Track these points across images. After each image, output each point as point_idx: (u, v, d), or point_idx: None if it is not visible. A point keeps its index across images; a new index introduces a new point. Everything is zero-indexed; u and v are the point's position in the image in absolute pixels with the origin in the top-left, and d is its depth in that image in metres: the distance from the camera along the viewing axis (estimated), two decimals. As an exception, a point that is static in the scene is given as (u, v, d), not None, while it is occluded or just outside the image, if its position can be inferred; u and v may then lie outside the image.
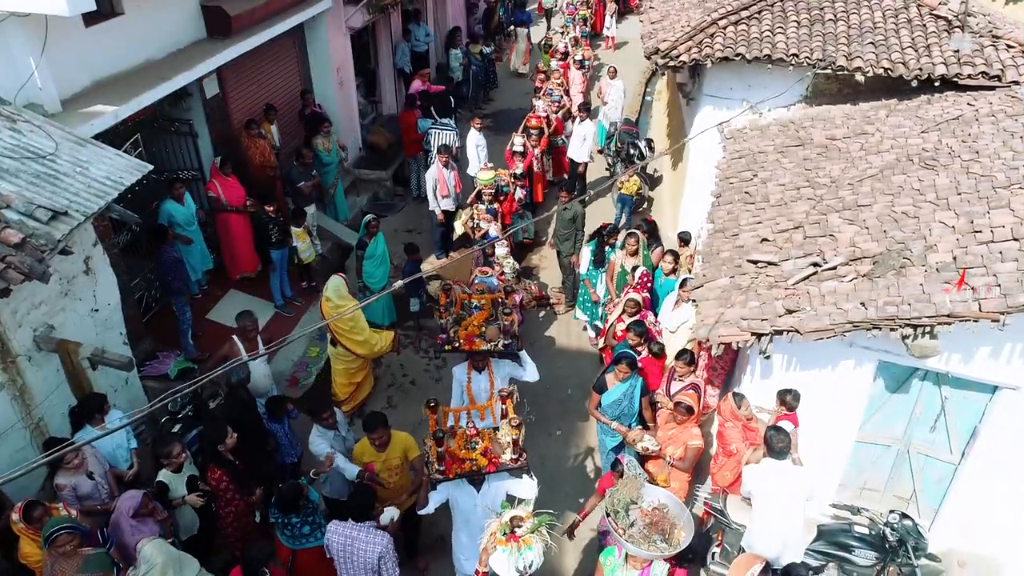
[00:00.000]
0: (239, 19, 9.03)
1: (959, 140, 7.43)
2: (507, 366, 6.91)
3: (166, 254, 7.98)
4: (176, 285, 8.09)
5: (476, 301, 7.28)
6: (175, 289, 8.11)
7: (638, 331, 7.10)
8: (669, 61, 9.66)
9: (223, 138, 9.68)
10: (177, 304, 8.30)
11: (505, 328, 6.84)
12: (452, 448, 5.68)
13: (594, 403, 6.77)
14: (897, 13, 9.48)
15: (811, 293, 5.89)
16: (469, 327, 6.95)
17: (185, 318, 8.37)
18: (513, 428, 5.66)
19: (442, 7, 17.07)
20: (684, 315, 7.68)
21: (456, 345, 6.87)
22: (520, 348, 6.89)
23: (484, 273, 8.19)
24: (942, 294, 5.23)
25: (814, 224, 6.92)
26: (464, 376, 6.85)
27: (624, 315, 7.37)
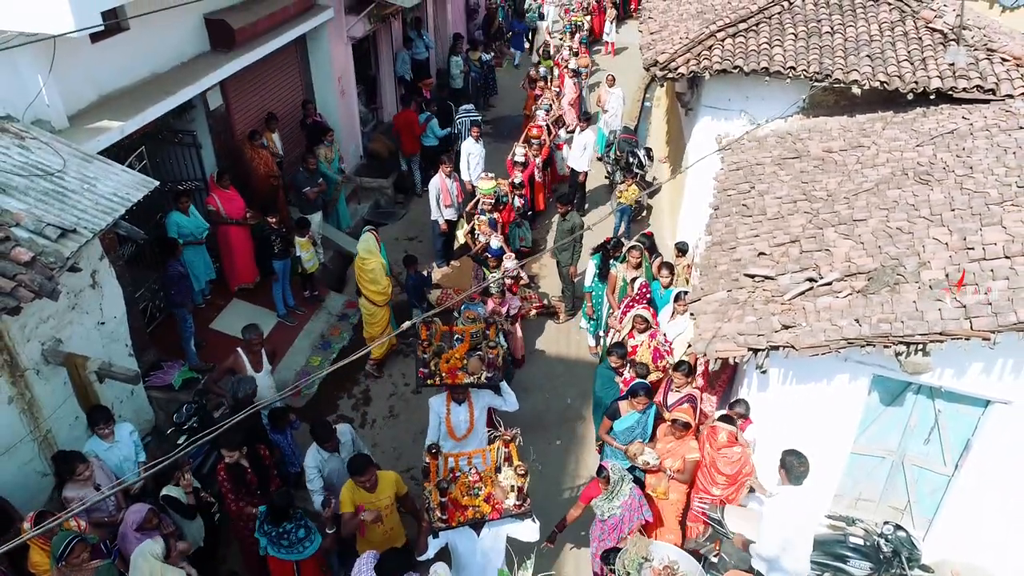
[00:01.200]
0: (242, 32, 9.14)
1: (953, 155, 7.53)
2: (486, 396, 6.72)
3: (172, 268, 8.07)
4: (179, 299, 8.20)
5: (458, 333, 7.09)
6: (178, 303, 8.22)
7: (619, 353, 7.04)
8: (668, 73, 9.77)
9: (226, 149, 9.78)
10: (179, 315, 8.40)
11: (489, 361, 6.63)
12: (454, 494, 5.68)
13: (605, 428, 6.74)
14: (893, 26, 9.59)
15: (807, 308, 5.99)
16: (451, 360, 6.68)
17: (187, 327, 8.46)
18: (519, 476, 5.66)
19: (443, 14, 17.17)
20: (680, 326, 7.78)
21: (438, 380, 6.56)
22: (501, 379, 6.67)
23: (473, 301, 8.02)
24: (935, 311, 5.33)
25: (810, 238, 7.02)
26: (443, 408, 6.63)
27: (634, 331, 7.43)
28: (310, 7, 10.96)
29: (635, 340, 7.37)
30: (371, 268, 8.70)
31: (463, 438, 6.59)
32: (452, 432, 6.63)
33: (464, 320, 7.34)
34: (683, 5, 11.96)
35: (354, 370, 9.25)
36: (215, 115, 9.43)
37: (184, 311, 8.35)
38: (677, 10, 11.86)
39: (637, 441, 6.36)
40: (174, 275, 8.09)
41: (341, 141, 12.26)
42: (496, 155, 14.75)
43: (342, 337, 9.71)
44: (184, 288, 8.25)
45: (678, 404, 6.70)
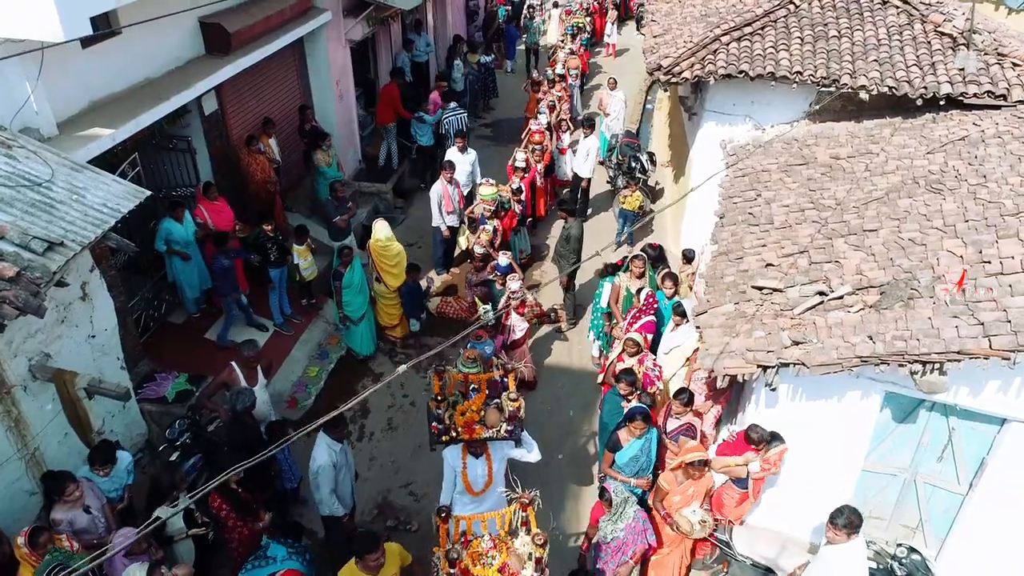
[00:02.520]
0: (238, 35, 8.95)
1: (965, 163, 7.36)
2: (505, 447, 6.15)
3: (216, 262, 8.30)
4: (225, 290, 8.50)
5: (473, 382, 6.48)
6: (223, 293, 8.56)
7: (629, 380, 6.65)
8: (671, 78, 9.60)
9: (222, 155, 9.60)
10: (225, 304, 8.76)
11: (510, 414, 6.05)
12: (465, 563, 5.30)
13: (608, 462, 6.45)
14: (901, 30, 9.42)
15: (817, 324, 5.81)
16: (467, 412, 6.11)
17: (232, 315, 8.79)
18: (538, 546, 5.32)
19: (442, 16, 16.99)
20: (678, 339, 7.57)
21: (454, 435, 5.98)
22: (522, 431, 6.11)
23: (478, 339, 7.36)
24: (951, 329, 5.16)
25: (819, 249, 6.84)
26: (458, 461, 6.04)
27: (624, 354, 7.19)
28: (307, 10, 10.78)
29: (624, 364, 7.09)
30: (395, 252, 8.95)
31: (481, 493, 6.10)
32: (469, 487, 6.09)
33: (464, 362, 6.70)
34: (686, 8, 11.79)
35: (352, 382, 9.07)
36: (210, 120, 9.25)
37: (229, 303, 8.66)
38: (680, 13, 11.68)
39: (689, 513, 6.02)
40: (218, 268, 8.32)
41: (339, 145, 12.10)
42: (497, 159, 14.57)
43: (340, 347, 9.52)
44: (229, 281, 8.46)
45: (677, 431, 6.53)
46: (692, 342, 7.38)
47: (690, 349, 7.43)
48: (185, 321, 9.06)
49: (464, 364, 6.63)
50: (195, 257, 8.49)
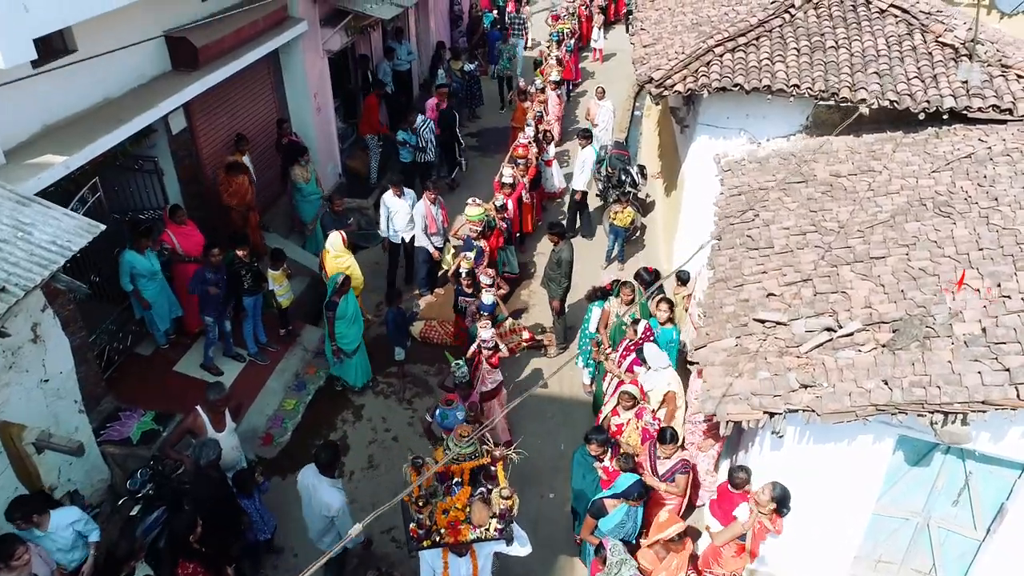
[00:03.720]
0: (207, 50, 8.47)
1: (974, 183, 7.01)
2: (492, 543, 5.52)
3: (197, 274, 7.85)
4: (209, 310, 8.02)
5: (456, 475, 5.67)
6: (207, 312, 8.08)
7: (599, 439, 6.13)
8: (664, 91, 9.19)
9: (191, 175, 9.11)
10: (206, 325, 8.29)
11: (501, 512, 5.36)
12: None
13: (588, 528, 5.93)
14: (901, 40, 9.06)
15: (827, 364, 5.42)
16: (450, 511, 5.40)
17: (211, 337, 8.34)
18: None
19: (425, 22, 16.52)
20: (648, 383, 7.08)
21: (437, 539, 5.32)
22: (512, 530, 5.45)
23: (448, 404, 6.51)
24: (974, 375, 4.78)
25: (824, 278, 6.46)
26: (438, 562, 5.48)
27: (619, 408, 6.69)
28: (282, 20, 10.29)
29: (619, 418, 6.57)
30: (347, 265, 8.69)
31: None
32: None
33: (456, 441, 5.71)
34: (677, 16, 11.40)
35: (331, 415, 8.60)
36: (179, 139, 8.76)
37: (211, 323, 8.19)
38: (671, 21, 11.29)
39: None
40: (198, 277, 7.84)
41: (318, 159, 11.62)
42: (483, 169, 14.15)
43: (318, 376, 9.05)
44: (209, 298, 7.96)
45: (671, 472, 6.11)
46: (662, 387, 6.98)
47: (660, 393, 7.02)
48: (153, 352, 8.56)
49: (456, 443, 5.79)
50: (162, 287, 7.97)
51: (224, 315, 8.27)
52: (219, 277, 7.87)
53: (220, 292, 7.89)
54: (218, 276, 7.85)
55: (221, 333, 8.38)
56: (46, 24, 5.77)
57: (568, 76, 17.38)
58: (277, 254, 8.61)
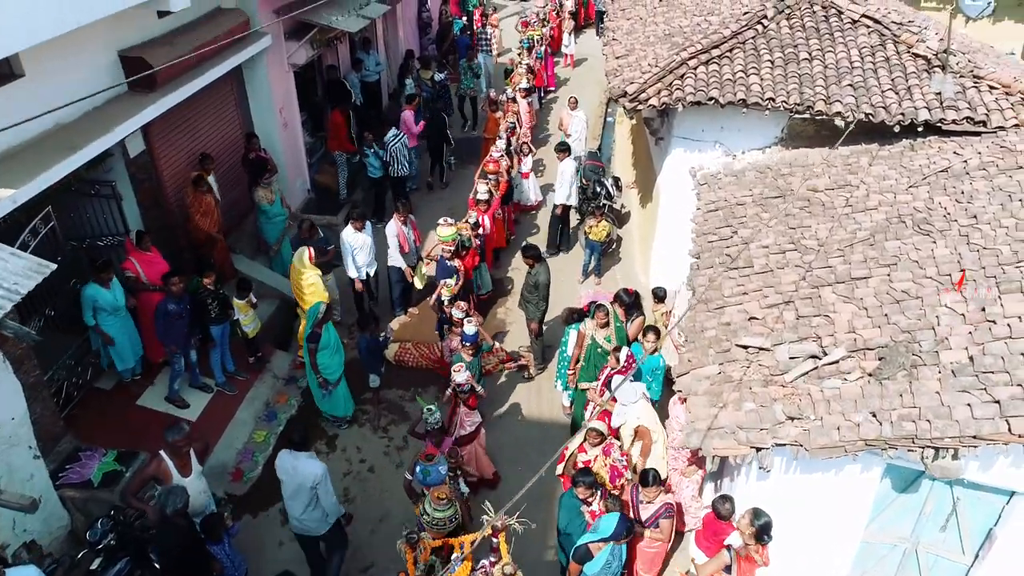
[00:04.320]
0: (165, 70, 8.10)
1: (952, 199, 6.95)
2: None
3: (161, 305, 7.49)
4: (171, 340, 7.68)
5: (456, 547, 5.43)
6: (170, 343, 7.75)
7: (587, 481, 5.88)
8: (638, 105, 9.04)
9: (152, 199, 8.75)
10: (170, 356, 7.94)
11: None
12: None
13: (574, 573, 5.74)
14: (874, 51, 9.01)
15: (813, 395, 5.29)
16: None
17: (177, 369, 7.98)
18: None
19: (393, 31, 16.22)
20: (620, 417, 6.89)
21: None
22: None
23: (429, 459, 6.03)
24: (963, 407, 4.68)
25: (806, 300, 6.35)
26: None
27: (586, 444, 6.47)
28: (245, 35, 9.93)
29: (586, 455, 6.37)
30: (311, 282, 8.62)
31: None
32: None
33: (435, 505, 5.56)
34: (649, 26, 11.27)
35: (304, 444, 8.30)
36: (137, 163, 8.40)
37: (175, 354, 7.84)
38: (643, 32, 11.15)
39: None
40: (161, 312, 7.51)
41: (286, 175, 11.31)
42: (455, 181, 13.92)
43: (290, 404, 8.76)
44: (173, 328, 7.63)
45: (655, 519, 5.93)
46: (632, 421, 6.82)
47: (631, 428, 6.86)
48: (114, 386, 8.20)
49: (436, 507, 5.55)
50: (125, 322, 7.61)
51: (189, 345, 7.95)
52: (182, 307, 7.55)
53: (184, 322, 7.57)
54: (180, 306, 7.54)
55: (187, 363, 8.04)
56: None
57: (541, 83, 17.23)
58: (243, 283, 8.30)
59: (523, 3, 26.30)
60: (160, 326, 7.55)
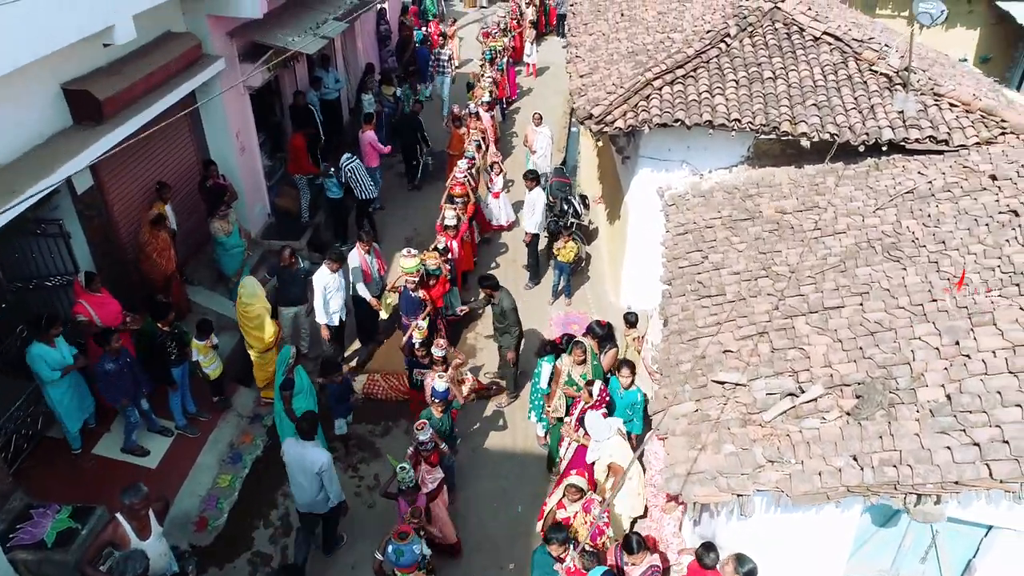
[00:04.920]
0: (112, 102, 7.76)
1: (919, 223, 6.96)
2: None
3: (99, 365, 7.12)
4: (115, 397, 7.30)
5: None
6: (114, 400, 7.36)
7: (560, 538, 5.69)
8: (604, 127, 8.93)
9: (103, 235, 8.37)
10: (121, 411, 7.58)
11: None
12: None
13: None
14: (836, 69, 9.04)
15: (792, 436, 5.22)
16: None
17: (132, 422, 7.61)
18: None
19: (352, 46, 15.89)
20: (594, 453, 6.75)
21: None
22: None
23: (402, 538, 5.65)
24: (943, 451, 4.64)
25: (780, 331, 6.29)
26: None
27: (565, 500, 6.24)
28: (197, 59, 9.59)
29: (566, 511, 6.16)
30: (255, 315, 8.31)
31: None
32: None
33: None
34: (612, 43, 11.17)
35: (271, 488, 8.02)
36: (85, 199, 8.02)
37: (125, 407, 7.46)
38: (606, 49, 11.05)
39: None
40: (100, 372, 7.14)
41: (245, 201, 10.96)
42: (418, 198, 13.69)
43: (255, 444, 8.45)
44: (119, 387, 7.26)
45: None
46: (605, 458, 6.70)
47: (605, 464, 6.74)
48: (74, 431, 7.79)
49: None
50: (73, 382, 7.21)
51: (139, 395, 7.58)
52: (121, 362, 7.18)
53: (129, 375, 7.23)
54: (120, 362, 7.16)
55: (141, 413, 7.69)
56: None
57: (503, 95, 17.06)
58: (203, 325, 7.94)
59: (483, 10, 26.16)
60: (102, 386, 7.16)
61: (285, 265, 8.92)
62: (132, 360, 7.37)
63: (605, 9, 12.89)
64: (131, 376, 7.32)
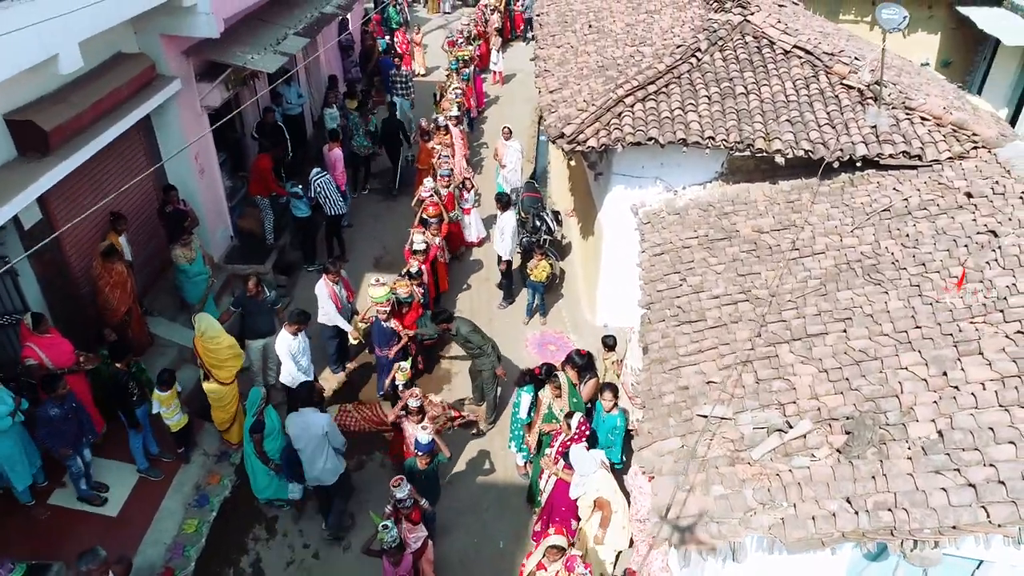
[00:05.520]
0: (59, 132, 7.35)
1: (898, 243, 6.89)
2: None
3: (41, 411, 6.68)
4: (56, 445, 6.79)
5: None
6: (54, 448, 6.85)
7: None
8: (576, 146, 8.75)
9: (54, 271, 7.96)
10: (61, 458, 7.02)
11: None
12: None
13: None
14: (808, 83, 8.96)
15: (783, 476, 5.07)
16: None
17: (76, 472, 7.17)
18: None
19: (315, 59, 15.49)
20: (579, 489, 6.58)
21: None
22: None
23: None
24: (939, 493, 4.53)
25: (764, 360, 6.16)
26: None
27: (545, 560, 5.91)
28: (151, 81, 9.19)
29: (547, 572, 5.87)
30: (227, 345, 7.93)
31: None
32: None
33: None
34: (580, 56, 10.99)
35: (240, 532, 7.68)
36: (33, 234, 7.59)
37: (68, 457, 6.98)
38: (575, 62, 10.86)
39: None
40: (43, 417, 6.68)
41: (207, 226, 10.56)
42: (387, 214, 13.38)
43: (223, 485, 8.10)
44: (60, 434, 6.77)
45: None
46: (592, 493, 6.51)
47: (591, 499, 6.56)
48: (23, 488, 7.36)
49: None
50: (17, 437, 6.74)
51: (82, 444, 7.09)
52: (67, 408, 6.74)
53: (74, 422, 6.80)
54: (66, 407, 6.73)
55: (84, 463, 7.21)
56: None
57: (470, 105, 16.80)
58: (165, 376, 7.45)
59: (447, 16, 25.85)
60: (44, 432, 6.71)
61: (251, 295, 8.56)
62: (78, 405, 6.93)
63: (572, 20, 12.71)
64: (76, 422, 6.87)
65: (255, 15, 10.92)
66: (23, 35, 6.00)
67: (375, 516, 6.32)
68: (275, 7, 11.48)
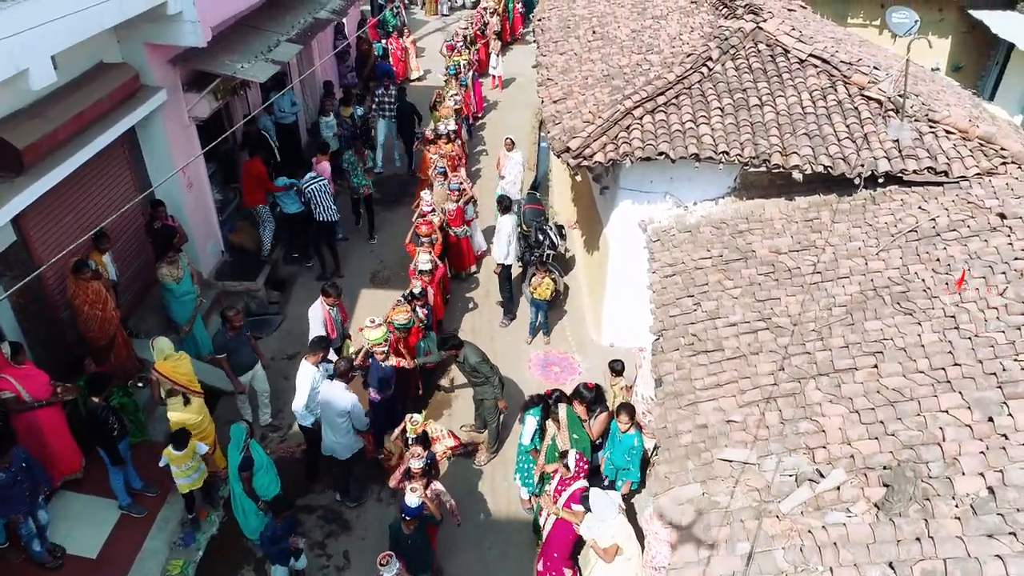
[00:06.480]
0: (34, 149, 6.91)
1: (928, 269, 6.47)
2: None
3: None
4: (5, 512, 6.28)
5: None
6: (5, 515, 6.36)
7: None
8: (583, 161, 8.32)
9: (31, 296, 7.51)
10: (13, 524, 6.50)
11: None
12: None
13: None
14: (825, 94, 8.54)
15: (815, 534, 4.64)
16: None
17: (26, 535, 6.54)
18: None
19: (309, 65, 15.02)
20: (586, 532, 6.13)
21: None
22: None
23: None
24: (994, 560, 4.09)
25: (788, 397, 5.74)
26: None
27: None
28: (136, 92, 8.74)
29: None
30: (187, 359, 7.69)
31: None
32: None
33: None
34: (585, 64, 10.56)
35: (229, 571, 7.24)
36: (8, 258, 7.16)
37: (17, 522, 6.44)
38: (580, 71, 10.43)
39: None
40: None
41: (196, 241, 10.11)
42: (386, 227, 12.91)
43: (210, 521, 7.65)
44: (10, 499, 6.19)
45: None
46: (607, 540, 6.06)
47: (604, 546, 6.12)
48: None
49: None
50: None
51: (36, 505, 6.50)
52: (16, 469, 6.13)
53: (24, 485, 6.21)
54: (14, 469, 6.11)
55: (37, 526, 6.59)
56: None
57: (469, 111, 16.36)
58: (180, 436, 6.89)
59: (444, 19, 25.39)
60: None
61: (234, 334, 8.08)
62: (28, 463, 6.31)
63: (575, 26, 12.28)
64: (28, 483, 6.25)
65: (245, 22, 10.47)
66: (-12, 49, 5.56)
67: None
68: (266, 13, 11.03)
